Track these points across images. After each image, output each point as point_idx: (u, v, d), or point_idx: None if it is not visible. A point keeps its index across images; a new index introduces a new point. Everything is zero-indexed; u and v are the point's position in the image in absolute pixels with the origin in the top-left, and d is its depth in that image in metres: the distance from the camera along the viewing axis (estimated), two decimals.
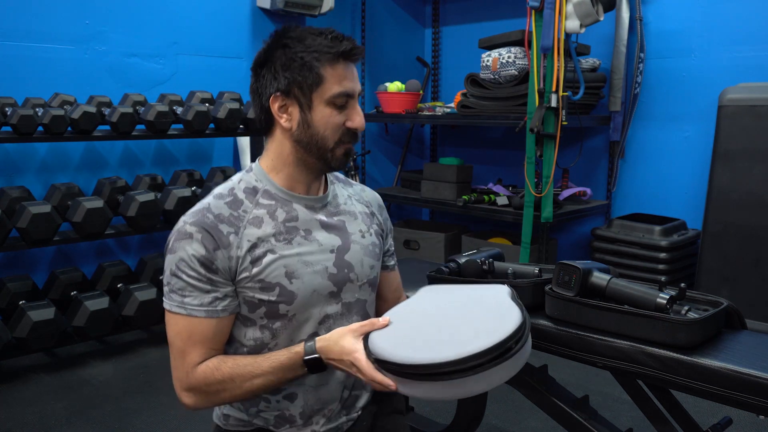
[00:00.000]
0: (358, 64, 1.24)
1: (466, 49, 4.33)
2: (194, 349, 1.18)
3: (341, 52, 1.16)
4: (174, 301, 1.17)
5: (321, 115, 1.18)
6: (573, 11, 3.03)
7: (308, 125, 1.19)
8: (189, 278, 1.16)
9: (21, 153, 3.07)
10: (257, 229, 1.19)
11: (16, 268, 3.07)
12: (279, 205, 1.23)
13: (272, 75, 1.19)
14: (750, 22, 3.18)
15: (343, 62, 1.17)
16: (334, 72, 1.17)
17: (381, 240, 1.38)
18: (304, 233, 1.23)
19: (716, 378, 1.21)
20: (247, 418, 1.29)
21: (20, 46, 3.01)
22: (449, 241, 3.98)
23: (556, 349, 1.46)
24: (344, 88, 1.17)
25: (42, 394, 2.57)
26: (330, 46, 1.16)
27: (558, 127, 3.09)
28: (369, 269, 1.31)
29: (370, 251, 1.31)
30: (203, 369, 1.17)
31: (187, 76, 3.58)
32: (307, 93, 1.17)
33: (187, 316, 1.17)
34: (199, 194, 3.18)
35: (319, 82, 1.16)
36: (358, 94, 1.22)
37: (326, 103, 1.17)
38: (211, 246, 1.16)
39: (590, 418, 1.51)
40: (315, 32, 1.18)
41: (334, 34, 1.18)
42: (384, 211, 1.43)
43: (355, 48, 1.18)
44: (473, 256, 1.70)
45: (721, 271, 3.06)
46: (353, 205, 1.35)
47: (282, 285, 1.19)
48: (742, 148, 2.99)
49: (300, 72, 1.16)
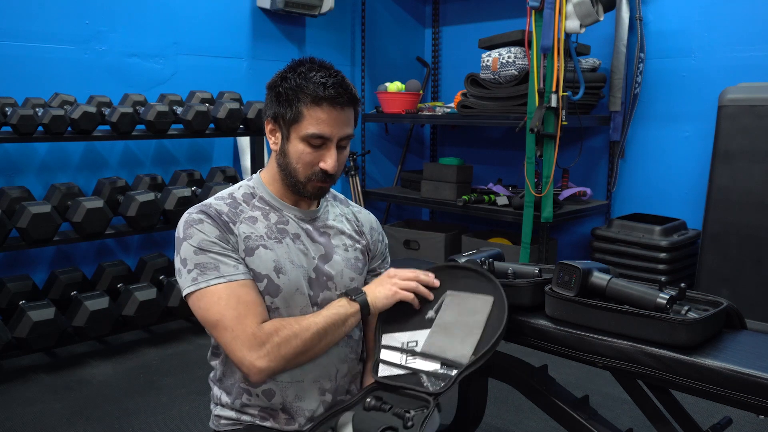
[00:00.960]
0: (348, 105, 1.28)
1: (466, 49, 4.33)
2: (250, 310, 1.21)
3: (321, 97, 1.22)
4: (209, 276, 1.22)
5: (295, 149, 1.27)
6: (573, 11, 3.03)
7: (285, 154, 1.29)
8: (217, 252, 1.23)
9: (21, 153, 3.07)
10: (251, 225, 1.30)
11: (16, 268, 3.07)
12: (272, 210, 1.34)
13: (270, 100, 1.30)
14: (750, 22, 3.18)
15: (327, 106, 1.23)
16: (313, 113, 1.24)
17: (366, 258, 1.44)
18: (292, 237, 1.33)
19: (716, 378, 1.21)
20: (236, 416, 1.33)
21: (20, 46, 3.01)
22: (449, 241, 3.98)
23: (556, 349, 1.46)
24: (319, 131, 1.24)
25: (42, 394, 2.57)
26: (314, 89, 1.23)
27: (558, 127, 3.09)
28: (348, 281, 1.37)
29: (352, 264, 1.39)
30: (269, 324, 1.22)
31: (187, 76, 3.58)
32: (286, 126, 1.27)
33: (229, 283, 1.22)
34: (199, 194, 3.18)
35: (297, 119, 1.25)
36: (340, 138, 1.27)
37: (301, 139, 1.26)
38: (222, 230, 1.26)
39: (590, 418, 1.51)
40: (314, 70, 1.26)
41: (324, 80, 1.23)
42: (377, 233, 1.49)
43: (339, 98, 1.23)
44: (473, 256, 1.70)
45: (721, 271, 3.06)
46: (342, 223, 1.42)
47: (270, 278, 1.27)
48: (742, 148, 2.99)
49: (284, 105, 1.26)
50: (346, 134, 1.28)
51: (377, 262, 1.48)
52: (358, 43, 4.39)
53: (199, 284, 1.21)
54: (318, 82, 1.23)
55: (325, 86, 1.22)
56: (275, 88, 1.28)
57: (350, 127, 1.29)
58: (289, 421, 1.31)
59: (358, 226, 1.45)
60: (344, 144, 1.29)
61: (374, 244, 1.47)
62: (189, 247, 1.23)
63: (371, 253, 1.46)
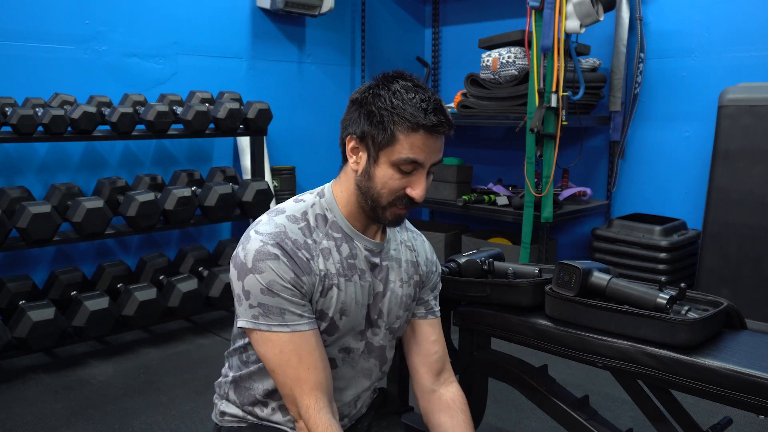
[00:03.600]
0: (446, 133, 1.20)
1: (466, 49, 4.33)
2: (310, 373, 1.16)
3: (421, 125, 1.14)
4: (272, 321, 1.15)
5: (383, 173, 1.17)
6: (573, 11, 3.03)
7: (369, 177, 1.19)
8: (286, 297, 1.15)
9: (21, 153, 3.07)
10: (326, 261, 1.21)
11: (16, 268, 3.07)
12: (344, 240, 1.25)
13: (357, 116, 1.19)
14: (750, 22, 3.18)
15: (424, 133, 1.14)
16: (408, 138, 1.14)
17: (417, 291, 1.38)
18: (359, 273, 1.26)
19: (716, 378, 1.21)
20: (242, 414, 1.31)
21: (20, 46, 3.01)
22: (449, 241, 3.98)
23: (556, 349, 1.46)
24: (414, 156, 1.15)
25: (42, 394, 2.57)
26: (413, 114, 1.13)
27: (558, 127, 3.09)
28: (395, 318, 1.33)
29: (403, 302, 1.33)
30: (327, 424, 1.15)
31: (187, 76, 3.58)
32: (376, 148, 1.17)
33: (292, 333, 1.15)
34: (199, 194, 3.18)
35: (390, 142, 1.15)
36: (432, 165, 1.19)
37: (391, 164, 1.16)
38: (298, 271, 1.16)
39: (590, 418, 1.51)
40: (412, 91, 1.16)
41: (424, 104, 1.14)
42: (431, 264, 1.41)
43: (440, 126, 1.15)
44: (473, 256, 1.70)
45: (721, 271, 3.06)
46: (402, 252, 1.35)
47: (333, 319, 1.23)
48: (742, 148, 2.99)
49: (377, 126, 1.15)
50: (437, 160, 1.20)
51: (426, 293, 1.41)
52: (358, 43, 4.39)
53: (259, 325, 1.16)
54: (417, 106, 1.14)
55: (426, 112, 1.14)
56: (365, 105, 1.17)
57: (441, 153, 1.21)
58: None
59: (415, 257, 1.37)
60: (432, 170, 1.21)
61: (427, 276, 1.40)
62: (257, 282, 1.14)
63: (423, 285, 1.39)
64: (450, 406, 1.36)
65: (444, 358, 1.40)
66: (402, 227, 1.38)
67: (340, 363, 1.28)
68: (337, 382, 1.28)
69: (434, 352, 1.39)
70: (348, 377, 1.30)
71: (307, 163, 4.12)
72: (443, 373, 1.40)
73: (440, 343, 1.41)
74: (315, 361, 1.17)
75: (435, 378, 1.38)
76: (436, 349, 1.39)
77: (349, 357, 1.29)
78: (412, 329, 1.40)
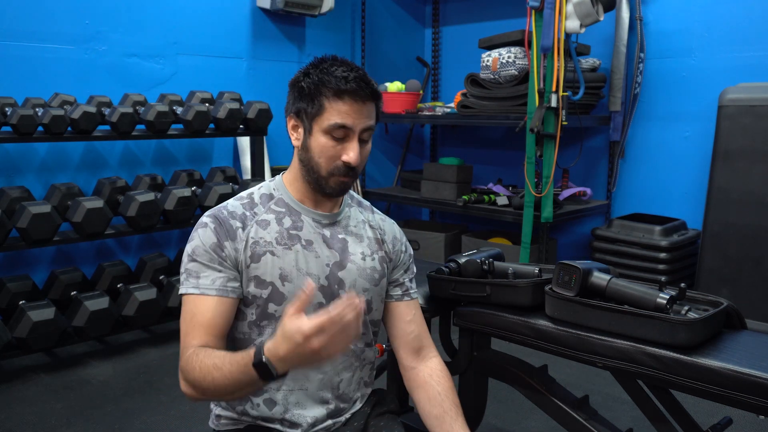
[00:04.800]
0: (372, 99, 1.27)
1: (466, 49, 4.33)
2: (194, 331, 1.21)
3: (343, 90, 1.22)
4: (189, 284, 1.24)
5: (317, 143, 1.25)
6: (573, 11, 3.03)
7: (307, 149, 1.27)
8: (204, 261, 1.24)
9: (21, 153, 3.07)
10: (262, 230, 1.28)
11: (16, 268, 3.07)
12: (288, 213, 1.32)
13: (293, 96, 1.29)
14: (750, 22, 3.18)
15: (349, 99, 1.22)
16: (335, 105, 1.23)
17: (385, 268, 1.40)
18: (305, 243, 1.30)
19: (716, 378, 1.21)
20: (237, 416, 1.33)
21: (20, 46, 3.01)
22: (449, 241, 3.98)
23: (556, 349, 1.46)
24: (341, 120, 1.22)
25: (42, 394, 2.57)
26: (336, 83, 1.22)
27: (558, 127, 3.09)
28: (361, 290, 1.34)
29: (368, 275, 1.36)
30: (192, 353, 1.17)
31: (187, 76, 3.58)
32: (309, 119, 1.26)
33: (199, 296, 1.23)
34: (199, 194, 3.18)
35: (319, 111, 1.24)
36: (362, 130, 1.25)
37: (323, 131, 1.24)
38: (221, 235, 1.25)
39: (590, 418, 1.51)
40: (337, 64, 1.25)
41: (345, 74, 1.22)
42: (400, 243, 1.45)
43: (361, 91, 1.22)
44: (473, 256, 1.70)
45: (721, 271, 3.06)
46: (363, 229, 1.40)
47: (275, 285, 1.26)
48: (742, 148, 2.99)
49: (306, 99, 1.25)
50: (368, 125, 1.26)
51: (399, 272, 1.44)
52: (358, 43, 4.39)
53: (181, 289, 1.25)
54: (340, 76, 1.22)
55: (346, 80, 1.22)
56: (297, 83, 1.28)
57: (372, 120, 1.27)
58: (293, 425, 1.30)
59: (380, 235, 1.42)
60: (366, 137, 1.27)
61: (396, 254, 1.43)
62: (187, 249, 1.26)
63: (392, 264, 1.42)
64: (426, 380, 1.38)
65: (421, 336, 1.43)
66: (368, 210, 1.44)
67: None
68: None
69: (410, 332, 1.42)
70: None
71: None
72: (422, 350, 1.42)
73: (416, 322, 1.44)
74: (211, 326, 1.21)
75: (414, 356, 1.41)
76: (412, 329, 1.43)
77: None
78: (388, 312, 1.43)
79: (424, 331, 1.45)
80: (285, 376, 1.08)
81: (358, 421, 1.37)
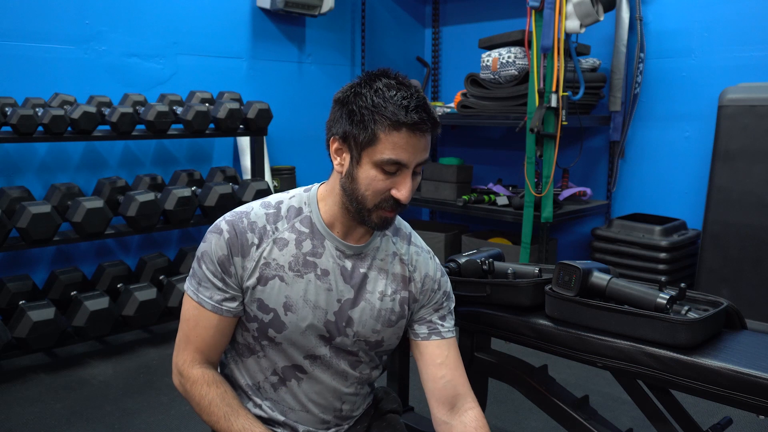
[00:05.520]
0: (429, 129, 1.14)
1: (466, 49, 4.33)
2: (196, 343, 1.22)
3: (402, 123, 1.09)
4: (192, 285, 1.23)
5: (366, 175, 1.14)
6: (573, 11, 3.03)
7: (353, 179, 1.15)
8: (207, 271, 1.20)
9: (21, 153, 3.07)
10: (278, 250, 1.20)
11: (16, 268, 3.07)
12: (311, 236, 1.22)
13: (339, 116, 1.15)
14: (750, 22, 3.18)
15: (407, 132, 1.10)
16: (390, 137, 1.10)
17: (405, 309, 1.28)
18: (320, 273, 1.21)
19: (716, 378, 1.21)
20: None
21: (20, 46, 3.01)
22: (449, 241, 3.98)
23: (556, 349, 1.46)
24: (396, 156, 1.11)
25: (42, 394, 2.57)
26: (395, 112, 1.09)
27: (558, 127, 3.09)
28: (370, 331, 1.25)
29: (382, 316, 1.25)
30: (200, 373, 1.21)
31: (187, 76, 3.58)
32: (358, 148, 1.13)
33: (198, 305, 1.21)
34: (199, 194, 3.18)
35: (372, 142, 1.11)
36: (417, 165, 1.14)
37: (374, 164, 1.12)
38: (233, 249, 1.19)
39: (590, 418, 1.51)
40: (394, 88, 1.12)
41: (405, 102, 1.10)
42: (431, 281, 1.31)
43: (422, 123, 1.11)
44: (473, 256, 1.70)
45: (721, 271, 3.06)
46: (391, 264, 1.28)
47: (277, 312, 1.20)
48: (742, 148, 2.99)
49: (358, 126, 1.12)
50: (423, 160, 1.14)
51: (427, 311, 1.31)
52: (358, 43, 4.39)
53: (186, 283, 1.24)
54: (399, 104, 1.09)
55: (407, 110, 1.09)
56: (347, 104, 1.14)
57: (427, 152, 1.15)
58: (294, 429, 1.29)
59: (409, 272, 1.29)
60: (419, 170, 1.16)
61: (424, 293, 1.30)
62: (199, 249, 1.22)
63: (418, 304, 1.30)
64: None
65: (455, 383, 1.27)
66: (404, 240, 1.32)
67: (309, 369, 1.25)
68: (312, 386, 1.26)
69: (441, 376, 1.26)
70: (322, 380, 1.26)
71: (307, 163, 4.12)
72: (457, 400, 1.27)
73: (449, 366, 1.27)
74: (206, 336, 1.21)
75: (446, 408, 1.26)
76: (443, 373, 1.26)
77: (317, 363, 1.25)
78: (417, 351, 1.31)
79: (459, 377, 1.28)
80: None
81: (361, 423, 1.37)
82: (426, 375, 1.28)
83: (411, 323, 1.32)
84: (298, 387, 1.26)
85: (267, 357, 1.25)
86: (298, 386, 1.26)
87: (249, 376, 1.28)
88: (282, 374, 1.25)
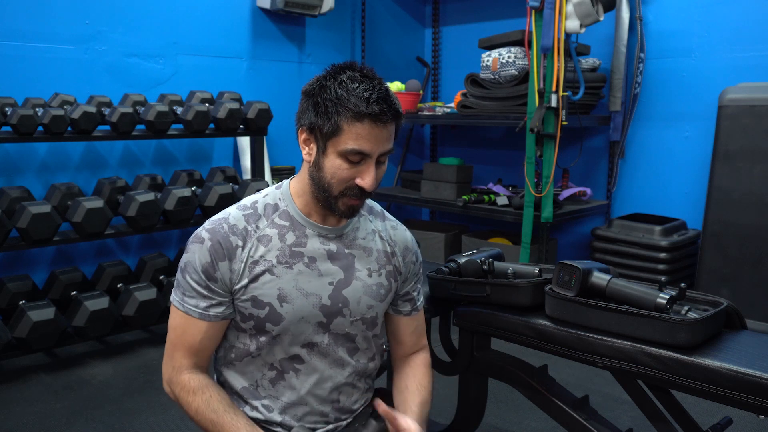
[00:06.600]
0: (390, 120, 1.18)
1: (466, 49, 4.33)
2: (183, 349, 1.26)
3: (364, 114, 1.13)
4: (177, 296, 1.26)
5: (331, 164, 1.18)
6: (573, 11, 3.03)
7: (319, 167, 1.20)
8: (191, 280, 1.22)
9: (21, 153, 3.07)
10: (263, 247, 1.23)
11: (16, 268, 3.07)
12: (292, 228, 1.26)
13: (306, 108, 1.20)
14: (750, 22, 3.18)
15: (369, 122, 1.14)
16: (353, 128, 1.14)
17: (392, 282, 1.35)
18: (307, 260, 1.25)
19: (716, 378, 1.21)
20: None
21: (20, 46, 3.01)
22: (449, 241, 3.98)
23: (556, 349, 1.46)
24: (358, 147, 1.15)
25: (42, 394, 2.57)
26: (357, 104, 1.13)
27: (558, 127, 3.09)
28: (366, 308, 1.30)
29: (373, 291, 1.31)
30: (187, 380, 1.25)
31: (187, 76, 3.58)
32: (323, 138, 1.18)
33: (184, 314, 1.24)
34: (199, 194, 3.18)
35: (336, 133, 1.15)
36: (381, 155, 1.18)
37: (339, 154, 1.16)
38: (217, 256, 1.21)
39: (590, 418, 1.51)
40: (357, 81, 1.16)
41: (368, 94, 1.14)
42: (411, 254, 1.39)
43: (383, 114, 1.15)
44: (473, 256, 1.71)
45: (721, 271, 3.06)
46: (373, 241, 1.33)
47: (272, 306, 1.23)
48: (742, 148, 2.99)
49: (323, 117, 1.16)
50: (386, 150, 1.19)
51: (409, 285, 1.40)
52: (358, 43, 4.39)
53: (172, 294, 1.27)
54: (361, 96, 1.13)
55: (368, 101, 1.13)
56: (313, 96, 1.18)
57: (391, 143, 1.20)
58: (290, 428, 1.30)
59: (390, 246, 1.35)
60: (383, 160, 1.21)
61: (406, 266, 1.37)
62: (182, 260, 1.24)
63: (401, 276, 1.37)
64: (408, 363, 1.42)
65: (419, 342, 1.45)
66: (379, 217, 1.38)
67: (307, 358, 1.27)
68: (309, 377, 1.27)
69: (410, 340, 1.43)
70: (320, 369, 1.28)
71: None
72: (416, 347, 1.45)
73: (418, 333, 1.44)
74: (194, 342, 1.25)
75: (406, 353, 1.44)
76: (414, 339, 1.44)
77: (314, 351, 1.27)
78: (393, 323, 1.42)
79: (421, 335, 1.46)
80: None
81: (359, 422, 1.37)
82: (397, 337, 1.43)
83: (396, 300, 1.39)
84: (296, 378, 1.27)
85: (264, 354, 1.26)
86: (296, 378, 1.27)
87: (246, 378, 1.29)
88: (280, 367, 1.27)
